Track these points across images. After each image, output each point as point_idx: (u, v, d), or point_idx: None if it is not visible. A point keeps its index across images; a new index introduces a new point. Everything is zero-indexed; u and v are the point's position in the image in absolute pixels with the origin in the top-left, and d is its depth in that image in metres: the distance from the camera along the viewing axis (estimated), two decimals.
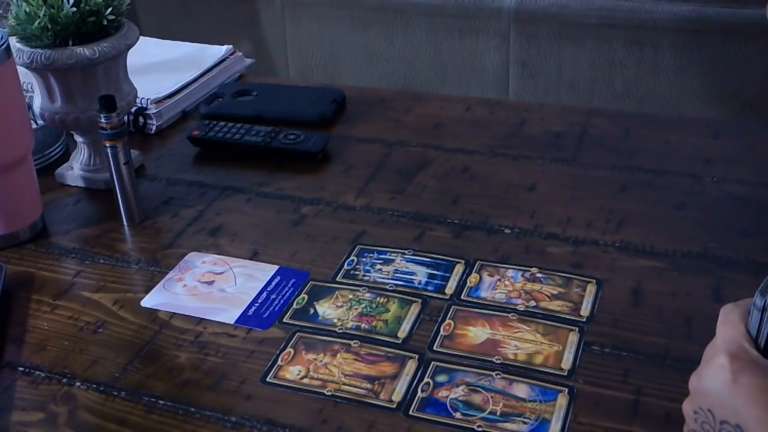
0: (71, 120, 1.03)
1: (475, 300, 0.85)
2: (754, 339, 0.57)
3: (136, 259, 0.95)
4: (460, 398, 0.74)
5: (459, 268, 0.90)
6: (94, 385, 0.78)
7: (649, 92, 1.82)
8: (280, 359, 0.80)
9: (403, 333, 0.82)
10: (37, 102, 1.04)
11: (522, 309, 0.84)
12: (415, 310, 0.85)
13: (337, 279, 0.90)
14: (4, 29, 0.97)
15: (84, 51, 0.98)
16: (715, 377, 0.56)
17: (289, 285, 0.89)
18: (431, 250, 0.93)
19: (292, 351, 0.81)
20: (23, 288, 0.91)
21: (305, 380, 0.77)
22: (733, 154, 1.08)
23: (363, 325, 0.83)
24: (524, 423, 0.71)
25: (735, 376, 0.55)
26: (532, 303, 0.84)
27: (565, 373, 0.76)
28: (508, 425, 0.71)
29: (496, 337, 0.80)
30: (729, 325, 0.58)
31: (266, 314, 0.86)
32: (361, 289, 0.88)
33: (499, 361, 0.78)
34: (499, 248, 0.93)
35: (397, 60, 2.00)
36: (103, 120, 0.96)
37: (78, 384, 0.79)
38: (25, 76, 1.02)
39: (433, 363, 0.78)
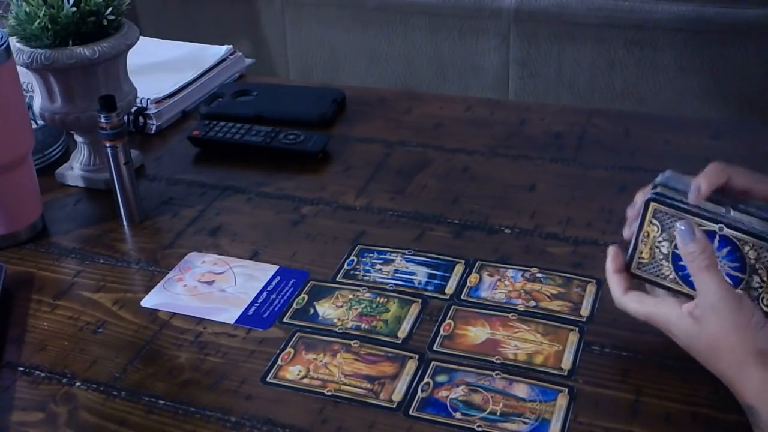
0: (71, 120, 1.03)
1: (475, 300, 0.85)
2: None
3: (136, 259, 0.95)
4: (460, 398, 0.74)
5: (459, 268, 0.90)
6: (94, 385, 0.78)
7: (649, 92, 1.82)
8: (280, 359, 0.80)
9: (403, 333, 0.82)
10: (37, 102, 1.04)
11: (522, 309, 0.84)
12: (415, 310, 0.85)
13: (337, 279, 0.90)
14: (4, 29, 0.97)
15: (84, 51, 0.98)
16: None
17: (289, 285, 0.89)
18: (431, 250, 0.93)
19: (292, 351, 0.81)
20: (23, 288, 0.91)
21: (305, 380, 0.77)
22: (733, 154, 1.08)
23: (363, 325, 0.83)
24: (524, 423, 0.71)
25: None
26: (532, 303, 0.84)
27: (565, 373, 0.76)
28: (508, 425, 0.71)
29: (496, 337, 0.80)
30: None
31: (266, 314, 0.86)
32: (361, 289, 0.88)
33: (499, 361, 0.78)
34: (499, 248, 0.93)
35: (397, 60, 2.00)
36: (103, 120, 0.96)
37: (78, 384, 0.79)
38: (25, 76, 1.02)
39: (433, 363, 0.78)
